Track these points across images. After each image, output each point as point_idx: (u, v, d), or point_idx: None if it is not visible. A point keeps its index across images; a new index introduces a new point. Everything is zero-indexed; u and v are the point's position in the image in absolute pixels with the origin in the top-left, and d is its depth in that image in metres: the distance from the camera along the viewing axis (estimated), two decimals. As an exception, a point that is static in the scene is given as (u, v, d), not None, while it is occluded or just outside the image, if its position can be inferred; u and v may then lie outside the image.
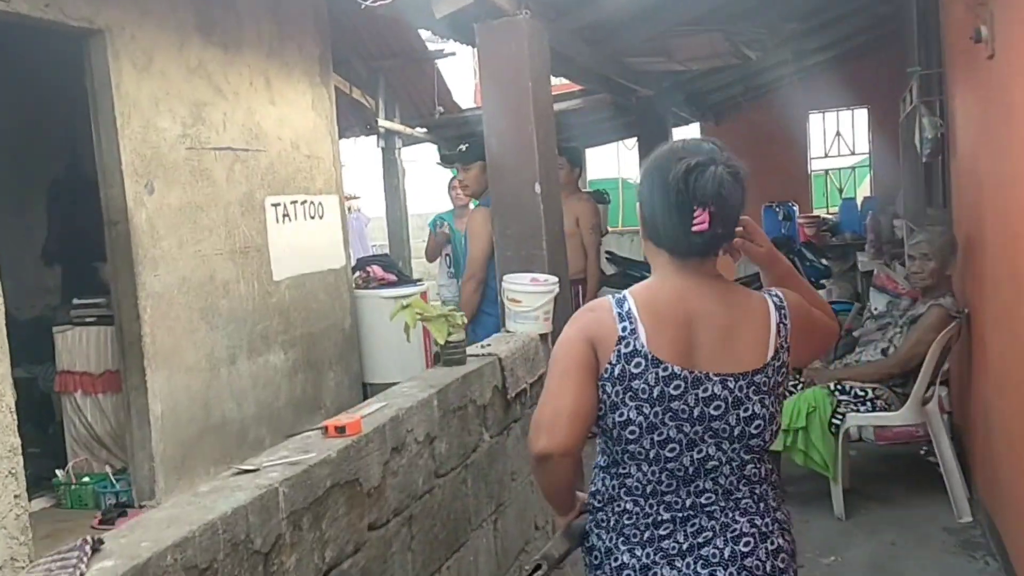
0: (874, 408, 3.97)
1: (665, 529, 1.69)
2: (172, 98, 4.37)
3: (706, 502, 1.69)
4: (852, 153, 11.40)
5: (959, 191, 4.23)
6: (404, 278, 6.29)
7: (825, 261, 7.67)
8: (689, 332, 1.66)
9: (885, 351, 4.10)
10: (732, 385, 1.65)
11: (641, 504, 1.70)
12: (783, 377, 1.71)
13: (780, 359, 1.69)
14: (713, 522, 1.68)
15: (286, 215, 5.27)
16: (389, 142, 7.48)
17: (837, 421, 3.94)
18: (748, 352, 1.67)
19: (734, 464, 1.68)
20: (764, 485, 1.72)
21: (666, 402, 1.64)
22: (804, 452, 3.93)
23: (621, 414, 1.66)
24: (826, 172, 11.72)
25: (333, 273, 5.73)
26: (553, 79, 4.63)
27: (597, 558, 1.76)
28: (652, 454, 1.67)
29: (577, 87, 7.87)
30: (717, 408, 1.65)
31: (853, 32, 7.92)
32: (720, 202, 1.62)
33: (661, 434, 1.65)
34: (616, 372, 1.64)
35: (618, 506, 1.72)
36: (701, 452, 1.66)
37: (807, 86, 9.58)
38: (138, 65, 4.17)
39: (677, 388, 1.64)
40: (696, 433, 1.65)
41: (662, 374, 1.63)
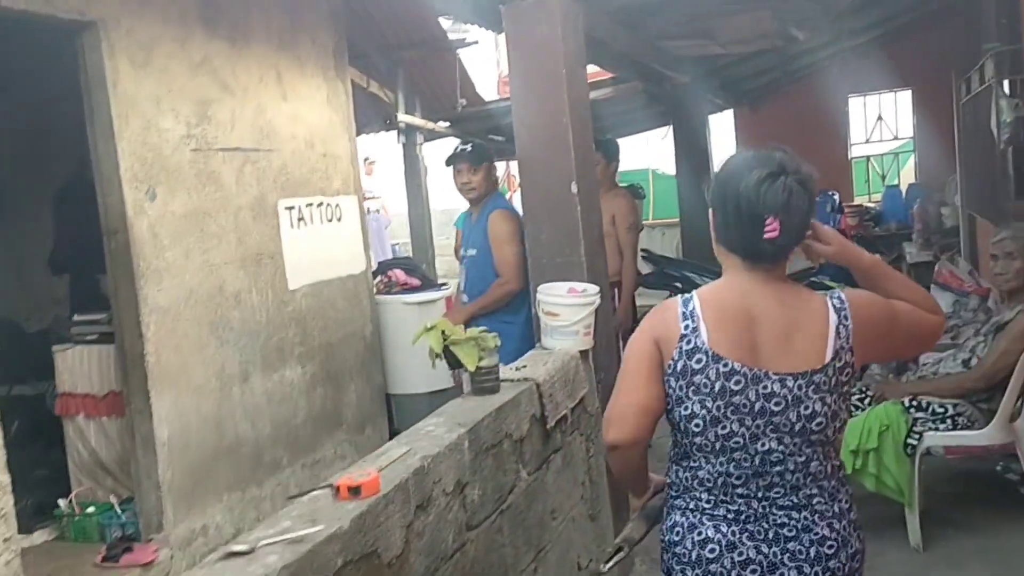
0: (955, 426, 3.56)
1: (745, 517, 1.76)
2: (175, 96, 4.03)
3: (777, 496, 1.75)
4: (895, 138, 10.88)
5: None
6: (428, 282, 5.93)
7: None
8: (751, 331, 1.73)
9: (966, 362, 3.68)
10: (791, 384, 1.71)
11: (716, 495, 1.78)
12: (847, 377, 1.76)
13: (842, 359, 1.74)
14: (793, 521, 1.75)
15: (301, 219, 4.93)
16: (410, 138, 7.10)
17: (913, 441, 3.53)
18: (807, 353, 1.73)
19: (798, 460, 1.74)
20: (832, 481, 1.78)
21: (727, 396, 1.72)
22: (875, 476, 3.53)
23: (686, 408, 1.75)
24: (867, 158, 11.21)
25: (353, 279, 5.38)
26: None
27: (679, 533, 1.81)
28: (718, 446, 1.75)
29: (606, 75, 7.47)
30: (777, 404, 1.72)
31: (904, 8, 7.43)
32: (788, 212, 1.70)
33: (724, 427, 1.73)
34: (679, 368, 1.74)
35: (695, 494, 1.80)
36: (764, 446, 1.73)
37: (846, 68, 9.11)
38: (136, 61, 3.83)
39: (738, 383, 1.72)
40: (758, 427, 1.73)
41: (723, 369, 1.72)
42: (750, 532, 1.75)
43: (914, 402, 3.62)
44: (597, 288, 3.29)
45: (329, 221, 5.22)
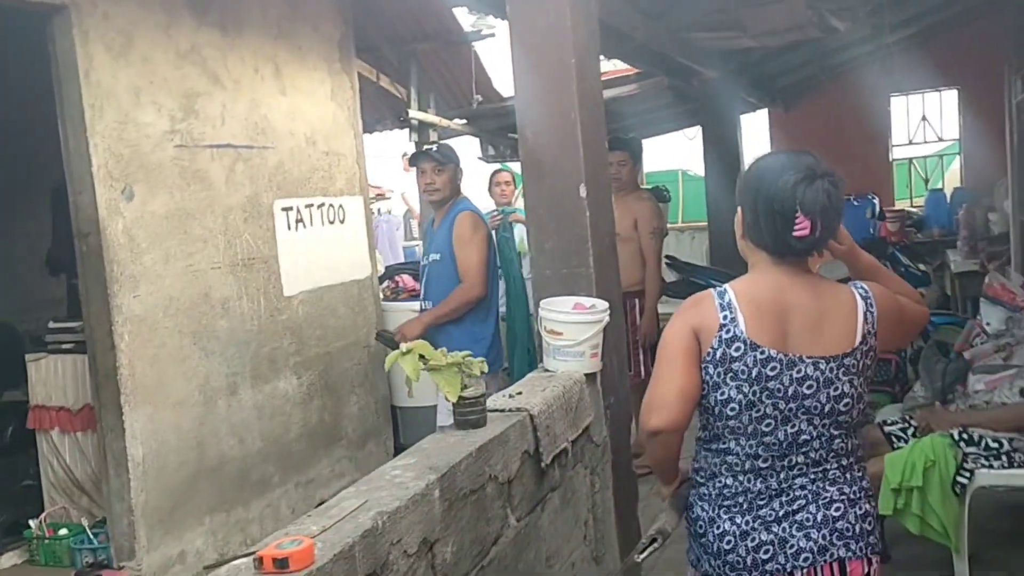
0: (1011, 463, 3.15)
1: (762, 499, 1.88)
2: (157, 88, 3.75)
3: (798, 473, 1.88)
4: (940, 139, 10.36)
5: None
6: (438, 287, 5.61)
7: (923, 267, 6.73)
8: (784, 320, 1.85)
9: (1024, 391, 3.28)
10: (823, 367, 1.84)
11: (740, 479, 1.89)
12: (871, 360, 1.91)
13: (868, 343, 1.88)
14: (805, 492, 1.87)
15: (300, 220, 4.64)
16: (423, 135, 6.77)
17: (963, 479, 3.13)
18: (837, 337, 1.85)
19: (824, 439, 1.87)
20: (851, 458, 1.92)
21: (763, 382, 1.83)
22: (920, 517, 3.12)
23: (723, 393, 1.86)
24: (909, 161, 10.69)
25: (357, 284, 5.08)
26: (605, 63, 3.94)
27: (701, 527, 1.95)
28: (750, 429, 1.86)
29: (631, 71, 7.10)
30: (809, 387, 1.84)
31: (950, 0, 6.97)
32: (826, 212, 1.82)
33: (758, 411, 1.84)
34: (718, 355, 1.84)
35: (719, 481, 1.91)
36: (794, 427, 1.85)
37: (888, 66, 8.62)
38: (113, 49, 3.56)
39: (773, 369, 1.83)
40: (790, 410, 1.84)
41: (759, 357, 1.83)
42: (761, 518, 1.87)
43: (964, 435, 3.21)
44: (606, 304, 2.92)
45: (331, 223, 4.93)
